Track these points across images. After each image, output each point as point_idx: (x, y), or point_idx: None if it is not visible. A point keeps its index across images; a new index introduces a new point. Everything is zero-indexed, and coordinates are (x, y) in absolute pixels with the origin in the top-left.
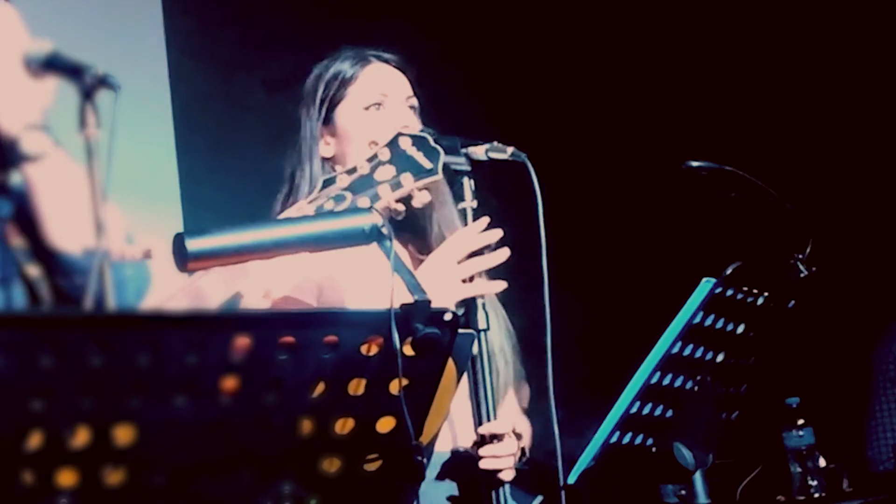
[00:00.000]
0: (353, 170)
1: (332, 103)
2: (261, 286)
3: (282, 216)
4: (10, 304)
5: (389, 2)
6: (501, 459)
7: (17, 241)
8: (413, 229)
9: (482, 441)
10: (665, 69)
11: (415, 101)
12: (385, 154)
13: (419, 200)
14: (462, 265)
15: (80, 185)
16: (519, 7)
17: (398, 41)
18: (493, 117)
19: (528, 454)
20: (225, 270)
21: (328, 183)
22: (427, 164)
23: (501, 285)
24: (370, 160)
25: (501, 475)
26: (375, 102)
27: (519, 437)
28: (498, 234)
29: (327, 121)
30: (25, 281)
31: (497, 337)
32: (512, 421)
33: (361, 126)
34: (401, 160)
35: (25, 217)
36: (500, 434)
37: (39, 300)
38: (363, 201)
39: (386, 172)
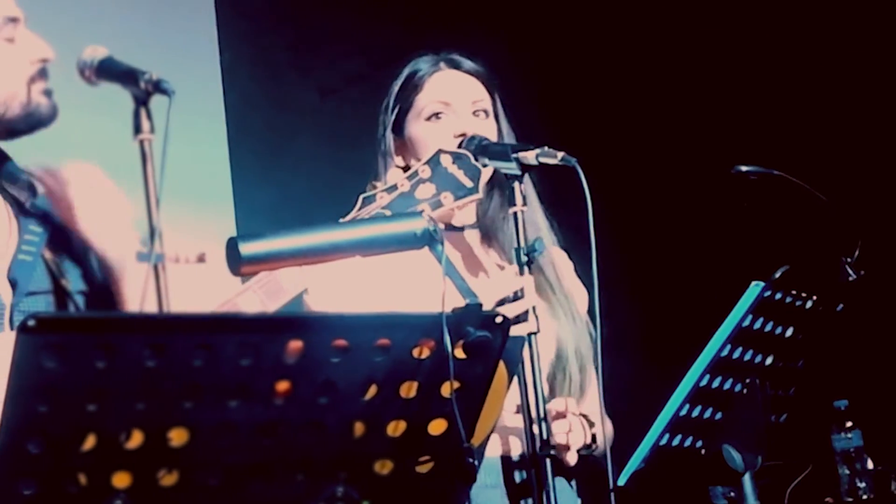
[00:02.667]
0: (394, 187)
1: (401, 112)
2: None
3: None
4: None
5: (446, 5)
6: (562, 435)
7: (49, 254)
8: (493, 232)
9: (530, 418)
10: (716, 74)
11: (485, 105)
12: (426, 172)
13: (459, 220)
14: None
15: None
16: (571, 13)
17: (454, 45)
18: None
19: (599, 445)
20: (263, 289)
21: (368, 201)
22: (468, 183)
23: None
24: (410, 178)
25: (565, 458)
26: (435, 112)
27: (591, 424)
28: (525, 281)
29: (398, 129)
30: (63, 293)
31: (570, 343)
32: (575, 405)
33: (422, 137)
34: (441, 178)
35: (58, 234)
36: (562, 412)
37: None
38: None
39: (426, 191)
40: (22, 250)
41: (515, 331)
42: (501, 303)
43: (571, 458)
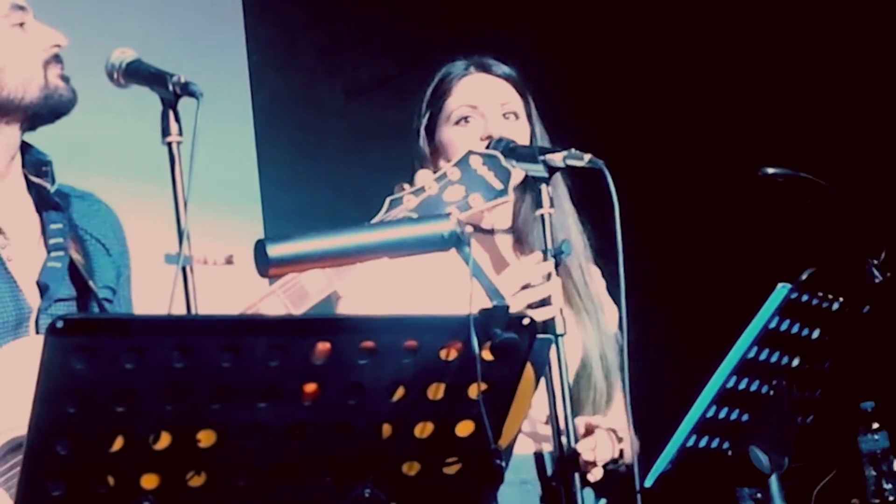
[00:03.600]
0: (421, 190)
1: (432, 117)
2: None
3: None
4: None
5: (474, 7)
6: (589, 452)
7: (76, 255)
8: (525, 236)
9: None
10: (744, 77)
11: (514, 108)
12: (455, 174)
13: (488, 221)
14: (515, 297)
15: None
16: (600, 14)
17: (483, 47)
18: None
19: (626, 460)
20: (287, 294)
21: (395, 203)
22: (497, 185)
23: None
24: (438, 179)
25: (589, 474)
26: (463, 116)
27: (620, 438)
28: (549, 266)
29: (430, 134)
30: (90, 296)
31: (596, 354)
32: (609, 421)
33: (451, 141)
34: (471, 180)
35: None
36: (590, 429)
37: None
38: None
39: (455, 193)
40: (52, 256)
41: (539, 314)
42: (525, 292)
43: (597, 474)
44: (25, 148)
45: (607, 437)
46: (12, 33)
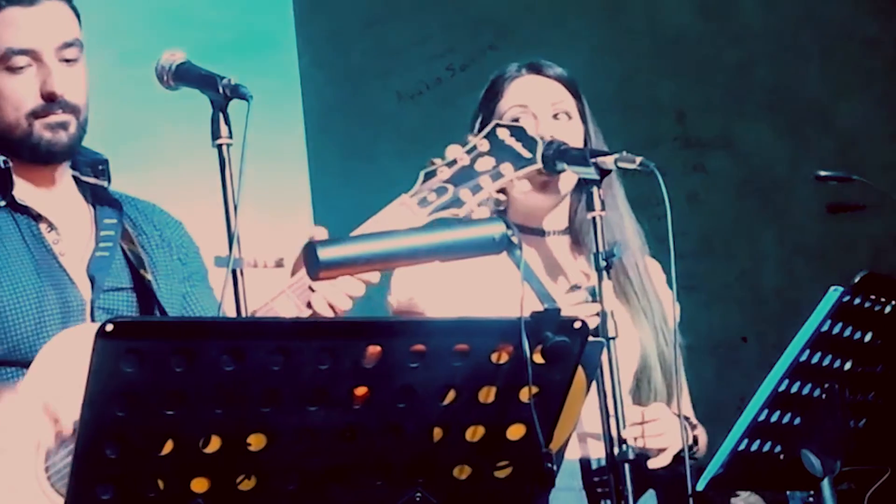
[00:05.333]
0: (454, 162)
1: (484, 119)
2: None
3: (374, 218)
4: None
5: (525, 9)
6: (651, 439)
7: (129, 246)
8: (582, 237)
9: (608, 425)
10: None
11: (566, 108)
12: (484, 145)
13: (519, 190)
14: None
15: None
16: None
17: (534, 48)
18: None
19: (700, 448)
20: (296, 292)
21: (429, 176)
22: (526, 154)
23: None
24: (469, 151)
25: (655, 459)
26: (514, 118)
27: (693, 426)
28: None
29: None
30: (144, 287)
31: (654, 353)
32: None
33: None
34: (500, 150)
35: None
36: (655, 417)
37: (150, 306)
38: (465, 193)
39: (486, 163)
40: (100, 247)
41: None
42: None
43: (664, 460)
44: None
45: (678, 422)
46: (6, 79)
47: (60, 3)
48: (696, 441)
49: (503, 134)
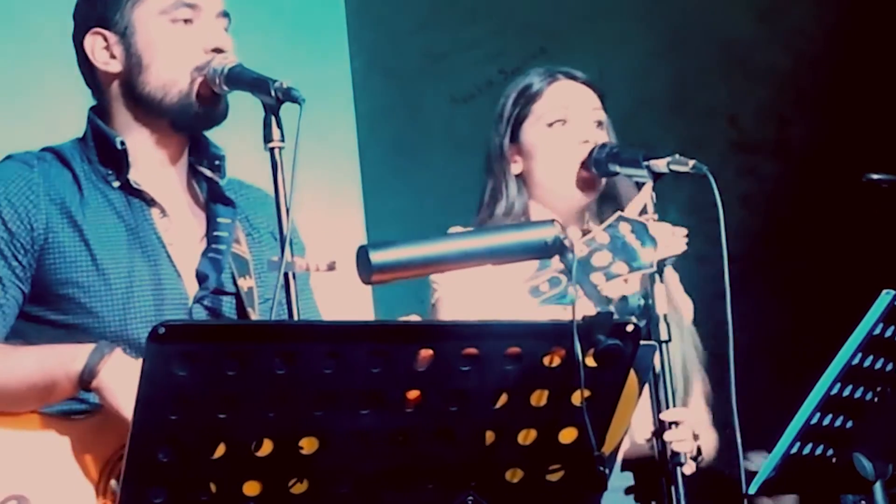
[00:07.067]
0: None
1: (517, 120)
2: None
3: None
4: (220, 315)
5: (574, 16)
6: (680, 443)
7: (240, 250)
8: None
9: (661, 428)
10: (845, 80)
11: (601, 116)
12: (603, 238)
13: (630, 289)
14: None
15: None
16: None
17: (582, 54)
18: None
19: (704, 457)
20: None
21: (545, 264)
22: (644, 258)
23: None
24: (588, 243)
25: (683, 468)
26: (559, 119)
27: (696, 436)
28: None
29: (514, 138)
30: (237, 292)
31: (678, 355)
32: (690, 414)
33: (545, 143)
34: (618, 247)
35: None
36: (678, 421)
37: (247, 314)
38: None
39: (602, 259)
40: (212, 248)
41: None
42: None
43: (688, 469)
44: (197, 139)
45: (685, 427)
46: (170, 30)
47: None
48: (699, 451)
49: (624, 229)
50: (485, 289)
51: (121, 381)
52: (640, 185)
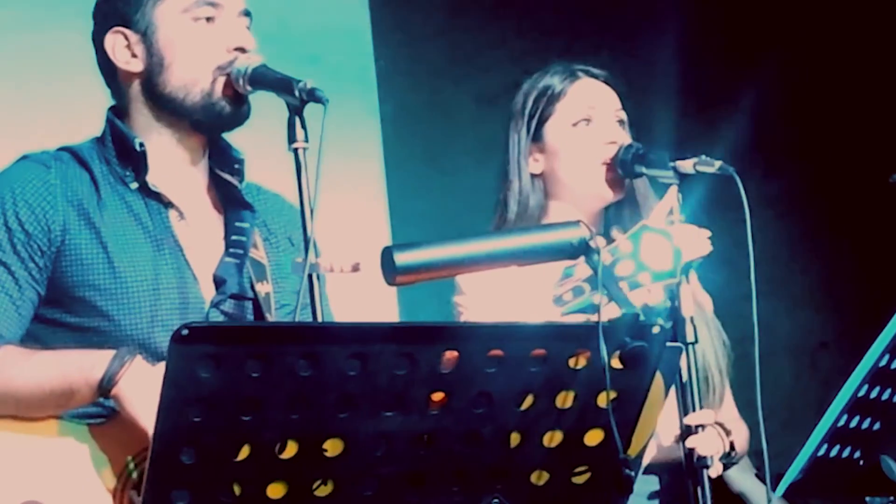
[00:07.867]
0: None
1: (540, 119)
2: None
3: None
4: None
5: (598, 16)
6: (705, 447)
7: (257, 252)
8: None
9: (687, 431)
10: (871, 81)
11: (623, 115)
12: (627, 247)
13: (653, 298)
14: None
15: None
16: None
17: (606, 54)
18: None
19: (738, 452)
20: None
21: (568, 273)
22: (667, 268)
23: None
24: (612, 252)
25: (709, 471)
26: (584, 118)
27: (728, 432)
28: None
29: (536, 137)
30: (255, 297)
31: (710, 350)
32: (715, 415)
33: (570, 142)
34: (642, 256)
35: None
36: (703, 424)
37: (264, 319)
38: (600, 297)
39: (626, 268)
40: (230, 252)
41: None
42: None
43: (715, 471)
44: (216, 141)
45: (715, 431)
46: (192, 29)
47: None
48: (732, 447)
49: (648, 239)
50: (508, 299)
51: (140, 390)
52: (663, 187)
